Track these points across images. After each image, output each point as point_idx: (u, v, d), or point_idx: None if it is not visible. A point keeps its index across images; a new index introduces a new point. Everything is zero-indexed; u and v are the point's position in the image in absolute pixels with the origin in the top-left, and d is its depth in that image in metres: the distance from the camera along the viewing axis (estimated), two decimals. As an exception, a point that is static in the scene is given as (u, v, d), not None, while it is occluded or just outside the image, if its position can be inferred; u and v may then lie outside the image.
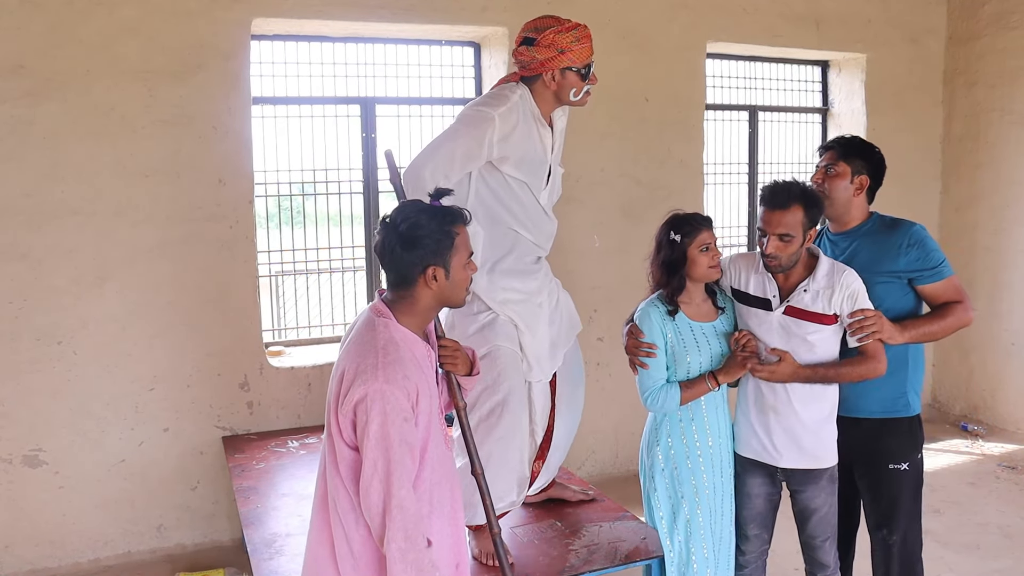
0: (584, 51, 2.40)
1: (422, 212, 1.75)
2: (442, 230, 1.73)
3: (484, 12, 3.95)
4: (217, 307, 3.60)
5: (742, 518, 2.49)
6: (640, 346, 2.36)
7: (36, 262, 3.33)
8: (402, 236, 1.71)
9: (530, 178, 2.47)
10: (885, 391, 2.41)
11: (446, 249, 1.74)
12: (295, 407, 3.77)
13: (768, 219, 2.25)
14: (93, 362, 3.44)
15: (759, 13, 4.60)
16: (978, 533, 3.71)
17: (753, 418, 2.40)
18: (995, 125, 5.01)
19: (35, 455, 3.39)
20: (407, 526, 1.64)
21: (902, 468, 2.43)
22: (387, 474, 1.63)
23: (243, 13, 3.53)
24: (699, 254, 2.30)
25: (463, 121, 2.40)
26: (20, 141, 3.27)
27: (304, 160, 4.02)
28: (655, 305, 2.39)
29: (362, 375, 1.66)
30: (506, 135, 2.37)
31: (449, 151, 2.33)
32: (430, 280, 1.74)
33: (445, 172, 2.31)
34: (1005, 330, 5.04)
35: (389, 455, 1.64)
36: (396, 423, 1.64)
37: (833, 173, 2.42)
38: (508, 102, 2.38)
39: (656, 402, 2.36)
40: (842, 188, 2.42)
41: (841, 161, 2.43)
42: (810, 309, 2.29)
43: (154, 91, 3.43)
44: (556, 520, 2.77)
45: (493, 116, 2.33)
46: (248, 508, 2.85)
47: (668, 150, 4.42)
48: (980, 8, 5.02)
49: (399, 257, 1.73)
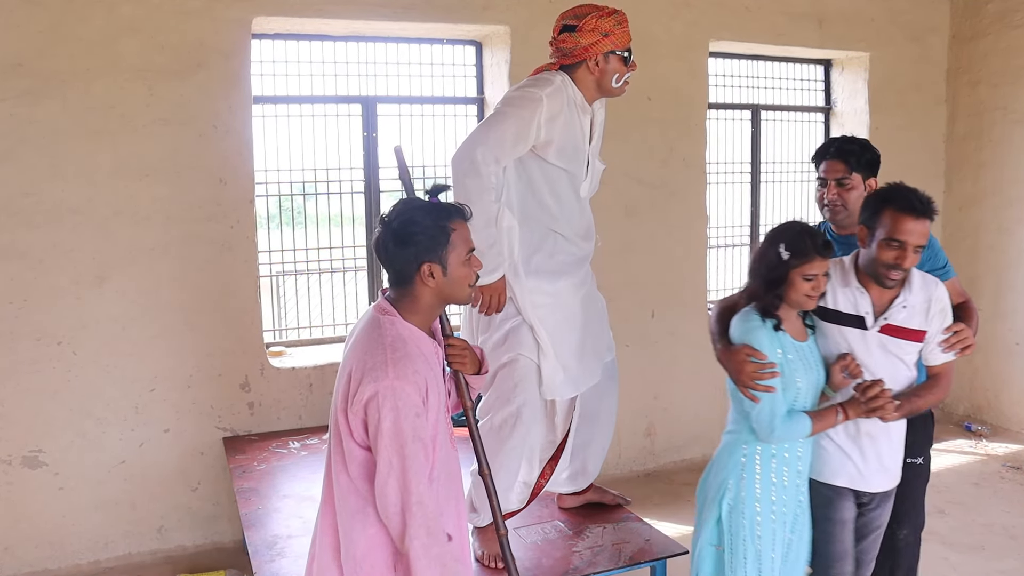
0: (625, 35, 2.40)
1: (416, 209, 1.73)
2: (436, 226, 1.70)
3: (485, 11, 3.93)
4: (218, 307, 3.58)
5: (835, 551, 2.23)
6: (762, 367, 2.06)
7: (36, 261, 3.32)
8: (395, 233, 1.69)
9: (571, 166, 2.43)
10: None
11: (441, 245, 1.71)
12: (296, 408, 3.75)
13: (911, 228, 2.05)
14: (93, 363, 3.42)
15: (762, 12, 4.58)
16: (983, 534, 3.69)
17: (844, 443, 2.20)
18: (998, 124, 4.99)
19: (35, 456, 3.37)
20: (428, 522, 1.62)
21: (918, 462, 2.42)
22: (403, 471, 1.62)
23: (244, 12, 3.51)
24: (802, 281, 2.05)
25: (510, 103, 2.37)
26: (20, 140, 3.25)
27: (305, 159, 4.00)
28: (757, 319, 2.11)
29: (371, 373, 1.64)
30: (553, 116, 2.34)
31: (500, 133, 2.29)
32: (426, 277, 1.71)
33: (496, 155, 2.27)
34: (1009, 330, 5.02)
35: (404, 452, 1.62)
36: (409, 419, 1.63)
37: (848, 186, 2.41)
38: (552, 85, 2.37)
39: (786, 431, 2.08)
40: (858, 198, 2.38)
41: (854, 172, 2.41)
42: (907, 326, 2.13)
43: (154, 90, 3.41)
44: (559, 521, 2.75)
45: (541, 96, 2.32)
46: (249, 510, 2.83)
47: (671, 149, 4.40)
48: (983, 7, 5.00)
49: (394, 255, 1.71)
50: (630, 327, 4.36)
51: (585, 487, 2.81)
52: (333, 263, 4.16)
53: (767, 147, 5.06)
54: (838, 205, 2.43)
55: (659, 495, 4.18)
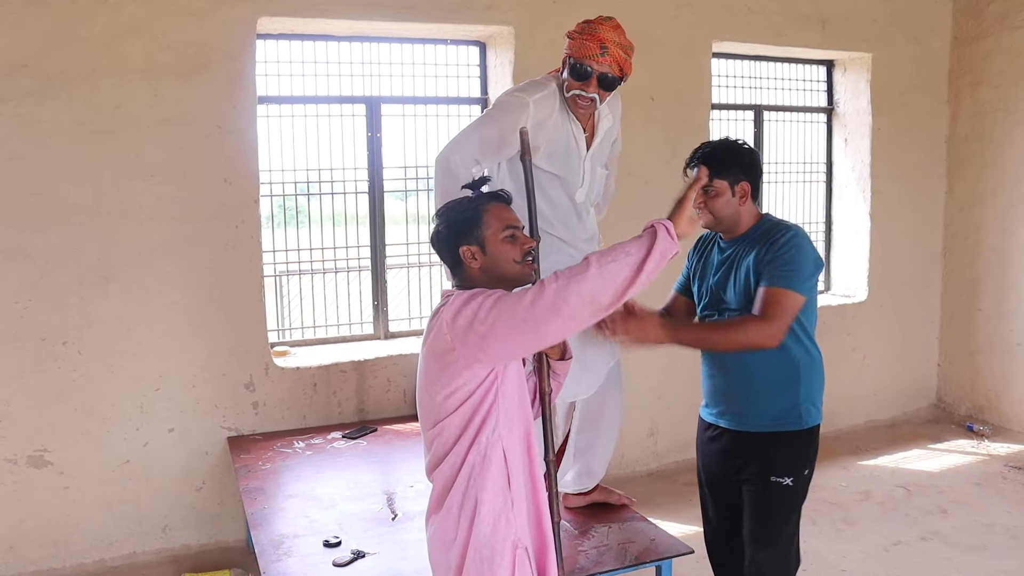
0: (582, 48, 2.33)
1: (454, 200, 1.83)
2: (470, 208, 1.77)
3: (489, 11, 3.94)
4: (222, 307, 3.59)
5: None
6: None
7: (41, 262, 3.32)
8: (436, 226, 1.81)
9: (563, 171, 2.43)
10: (776, 403, 2.30)
11: (475, 226, 1.75)
12: (301, 407, 3.76)
13: None
14: (98, 362, 3.43)
15: (764, 13, 4.59)
16: (985, 534, 3.70)
17: None
18: (1000, 125, 5.00)
19: (40, 455, 3.38)
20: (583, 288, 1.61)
21: (784, 483, 2.31)
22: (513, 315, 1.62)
23: (248, 12, 3.51)
24: None
25: (498, 107, 2.38)
26: (24, 140, 3.26)
27: (309, 159, 4.00)
28: None
29: (438, 315, 1.70)
30: (541, 122, 2.34)
31: (482, 137, 2.31)
32: (469, 260, 1.76)
33: (476, 158, 2.29)
34: (1011, 330, 5.03)
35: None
36: (486, 299, 1.65)
37: (713, 193, 2.26)
38: (544, 89, 2.37)
39: None
40: (724, 204, 2.28)
41: (715, 179, 2.26)
42: None
43: (159, 90, 3.42)
44: (565, 520, 2.75)
45: (528, 102, 2.33)
46: (255, 509, 2.83)
47: (673, 150, 4.39)
48: (985, 7, 5.01)
49: (440, 245, 1.81)
50: (633, 327, 4.37)
51: (591, 487, 2.82)
52: (337, 263, 4.16)
53: (769, 148, 5.07)
54: (707, 214, 2.29)
55: (662, 495, 4.18)
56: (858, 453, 4.78)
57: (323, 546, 2.53)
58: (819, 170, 5.28)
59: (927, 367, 5.47)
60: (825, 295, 5.31)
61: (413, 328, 4.32)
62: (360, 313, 4.21)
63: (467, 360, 1.65)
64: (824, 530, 3.76)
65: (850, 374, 5.11)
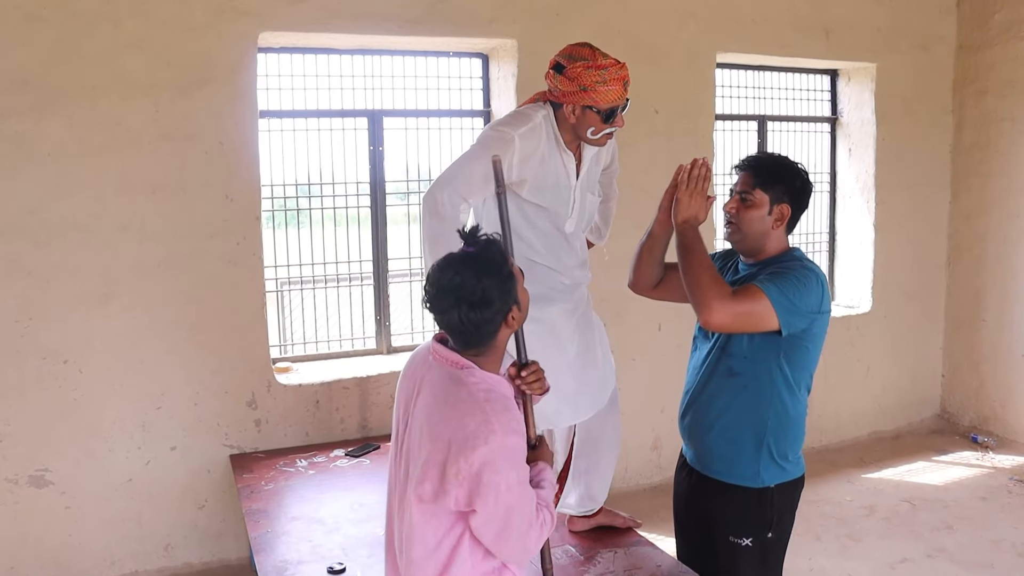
0: (609, 94, 2.25)
1: (480, 271, 1.65)
2: (503, 275, 1.68)
3: (492, 24, 3.91)
4: (224, 324, 3.57)
5: None
6: None
7: (42, 279, 3.30)
8: (477, 305, 1.64)
9: (551, 203, 2.38)
10: (732, 452, 2.14)
11: (513, 287, 1.70)
12: (303, 424, 3.73)
13: None
14: (99, 380, 3.40)
15: (768, 23, 4.56)
16: (991, 551, 3.68)
17: None
18: (1006, 134, 4.98)
19: (41, 475, 3.35)
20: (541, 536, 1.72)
21: (742, 544, 2.14)
22: (517, 526, 1.66)
23: (250, 27, 3.48)
24: None
25: (482, 143, 2.32)
26: (25, 157, 3.23)
27: (311, 173, 3.98)
28: None
29: (474, 437, 1.58)
30: (527, 156, 2.29)
31: (468, 174, 2.25)
32: (511, 322, 1.71)
33: (463, 195, 2.23)
34: (1015, 341, 5.01)
35: (522, 507, 1.67)
36: (521, 474, 1.66)
37: (749, 202, 2.09)
38: (530, 122, 2.30)
39: None
40: (757, 220, 2.10)
41: (759, 188, 2.09)
42: None
43: (160, 106, 3.39)
44: (570, 545, 2.73)
45: (513, 136, 2.26)
46: (258, 533, 2.81)
47: (677, 161, 4.35)
48: (990, 17, 4.98)
49: (480, 323, 1.66)
50: (636, 340, 4.35)
51: (595, 510, 2.79)
52: (340, 277, 4.14)
53: (773, 158, 5.03)
54: (733, 222, 2.15)
55: (666, 509, 4.07)
56: (862, 465, 4.76)
57: (328, 573, 2.51)
58: (823, 180, 5.26)
59: (931, 378, 5.45)
60: (829, 305, 5.29)
61: (416, 342, 4.30)
62: (363, 327, 4.18)
63: (454, 501, 1.63)
64: (829, 546, 3.74)
65: (854, 385, 5.09)
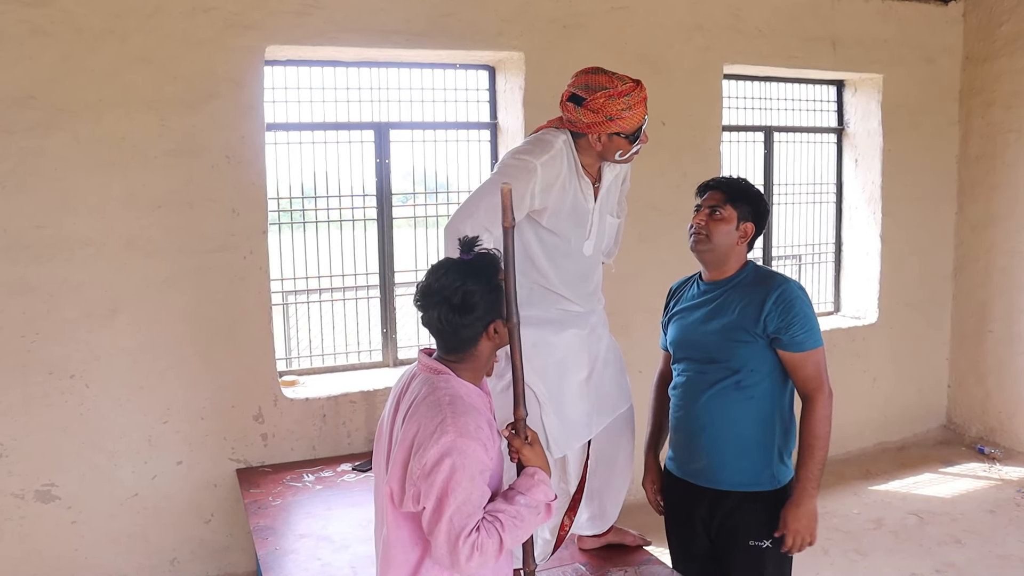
0: (635, 117, 2.24)
1: (467, 276, 1.70)
2: (491, 285, 1.72)
3: (499, 37, 3.90)
4: (230, 339, 3.56)
5: None
6: None
7: (47, 295, 3.29)
8: (457, 308, 1.68)
9: (569, 230, 2.35)
10: (749, 462, 2.27)
11: (499, 301, 1.74)
12: (310, 438, 3.72)
13: None
14: (106, 395, 3.39)
15: (775, 35, 4.56)
16: (1000, 566, 3.67)
17: None
18: (1012, 146, 4.97)
19: (48, 490, 3.34)
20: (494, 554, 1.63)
21: (763, 546, 2.26)
22: (448, 530, 1.61)
23: (256, 41, 3.48)
24: None
25: (503, 171, 2.27)
26: (30, 173, 3.22)
27: (318, 185, 3.97)
28: None
29: (431, 435, 1.62)
30: (549, 184, 2.25)
31: (489, 205, 2.18)
32: (492, 335, 1.74)
33: (486, 226, 2.17)
34: (1022, 352, 5.00)
35: (456, 504, 1.61)
36: (469, 476, 1.61)
37: (719, 216, 2.26)
38: (552, 149, 2.26)
39: None
40: (725, 233, 2.27)
41: (728, 205, 2.27)
42: None
43: (166, 120, 3.38)
44: (580, 564, 2.72)
45: (535, 165, 2.22)
46: (267, 551, 2.80)
47: (683, 174, 4.37)
48: (996, 28, 4.97)
49: (458, 325, 1.70)
50: (644, 353, 4.29)
51: (605, 529, 2.78)
52: (346, 291, 4.13)
53: (780, 169, 5.04)
54: (702, 234, 2.28)
55: (672, 523, 4.13)
56: (868, 477, 4.74)
57: (336, 594, 2.50)
58: (829, 191, 5.25)
59: (937, 389, 5.43)
60: (835, 317, 5.28)
61: (422, 354, 4.29)
62: (369, 340, 4.17)
63: (412, 500, 1.66)
64: (837, 561, 3.73)
65: (860, 396, 5.08)
